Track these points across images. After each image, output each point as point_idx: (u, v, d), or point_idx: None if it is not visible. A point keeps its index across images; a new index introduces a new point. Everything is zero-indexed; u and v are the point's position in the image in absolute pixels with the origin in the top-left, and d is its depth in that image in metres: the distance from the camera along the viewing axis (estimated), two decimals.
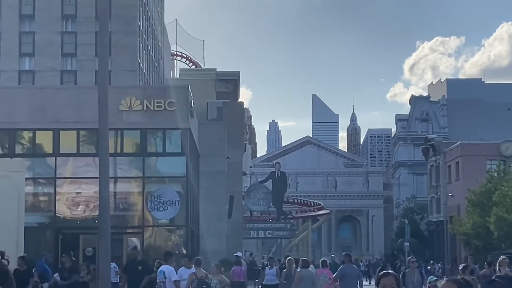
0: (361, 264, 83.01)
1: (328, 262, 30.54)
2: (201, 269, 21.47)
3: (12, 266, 24.40)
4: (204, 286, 20.19)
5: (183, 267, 22.53)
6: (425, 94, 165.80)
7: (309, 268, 26.94)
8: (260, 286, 32.56)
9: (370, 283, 58.16)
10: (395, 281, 8.39)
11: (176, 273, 21.31)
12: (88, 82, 58.39)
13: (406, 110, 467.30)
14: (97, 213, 30.14)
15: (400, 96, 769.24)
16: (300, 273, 25.90)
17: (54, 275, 24.23)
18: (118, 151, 42.19)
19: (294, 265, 29.12)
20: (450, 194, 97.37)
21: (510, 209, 67.26)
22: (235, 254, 36.72)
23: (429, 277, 22.22)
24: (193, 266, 21.84)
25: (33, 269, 26.59)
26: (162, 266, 21.38)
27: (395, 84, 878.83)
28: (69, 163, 43.38)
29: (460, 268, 23.53)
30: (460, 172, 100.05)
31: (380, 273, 9.56)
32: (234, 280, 30.70)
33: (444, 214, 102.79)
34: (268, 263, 33.00)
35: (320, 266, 28.92)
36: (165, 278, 20.26)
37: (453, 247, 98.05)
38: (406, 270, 22.57)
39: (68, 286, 24.50)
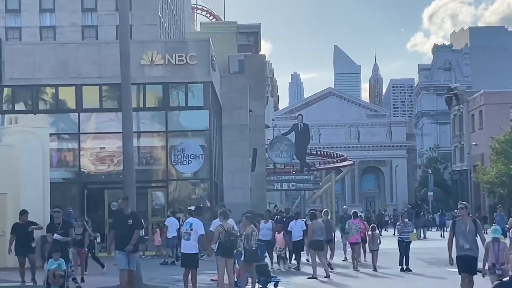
0: (385, 213, 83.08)
1: (358, 214, 33.37)
2: (228, 221, 21.62)
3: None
4: (232, 238, 20.32)
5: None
6: (446, 43, 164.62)
7: (319, 220, 28.60)
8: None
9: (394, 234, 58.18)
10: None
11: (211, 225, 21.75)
12: (109, 37, 58.28)
13: (427, 59, 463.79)
14: (121, 168, 30.33)
15: (421, 46, 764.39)
16: (312, 225, 27.69)
17: (54, 236, 21.53)
18: (141, 105, 42.33)
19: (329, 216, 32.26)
20: (473, 143, 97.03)
21: None
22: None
23: (492, 229, 18.46)
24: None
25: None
26: (190, 218, 21.22)
27: (415, 33, 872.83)
28: (92, 118, 43.57)
29: None
30: (484, 120, 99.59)
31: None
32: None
33: (467, 163, 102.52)
34: (264, 216, 30.49)
35: (352, 218, 32.04)
36: (191, 229, 20.25)
37: (477, 196, 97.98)
38: (457, 219, 18.91)
39: (65, 243, 21.71)
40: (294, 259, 31.02)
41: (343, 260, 32.03)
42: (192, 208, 27.52)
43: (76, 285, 22.40)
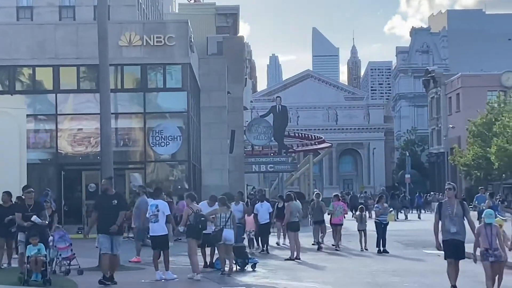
0: (360, 195, 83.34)
1: (339, 196, 34.57)
2: (195, 203, 21.92)
3: None
4: (202, 219, 20.98)
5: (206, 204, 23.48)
6: (423, 25, 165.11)
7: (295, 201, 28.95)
8: None
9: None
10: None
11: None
12: (87, 18, 57.85)
13: (404, 42, 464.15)
14: (99, 149, 30.24)
15: (398, 29, 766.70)
16: (289, 207, 28.25)
17: (33, 218, 19.67)
18: (119, 87, 42.14)
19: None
20: (450, 126, 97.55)
21: (511, 140, 67.48)
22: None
23: (485, 213, 17.20)
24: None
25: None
26: (154, 200, 21.13)
27: (393, 16, 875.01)
28: (69, 99, 43.33)
29: None
30: (461, 103, 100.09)
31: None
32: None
33: (444, 145, 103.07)
34: (234, 198, 29.29)
35: (333, 200, 33.06)
36: (157, 211, 20.29)
37: (454, 179, 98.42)
38: (443, 200, 17.81)
39: (43, 226, 20.18)
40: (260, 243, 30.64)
41: (312, 244, 32.10)
42: (147, 189, 27.66)
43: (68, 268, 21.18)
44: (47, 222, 20.56)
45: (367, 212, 36.99)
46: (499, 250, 16.43)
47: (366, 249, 30.69)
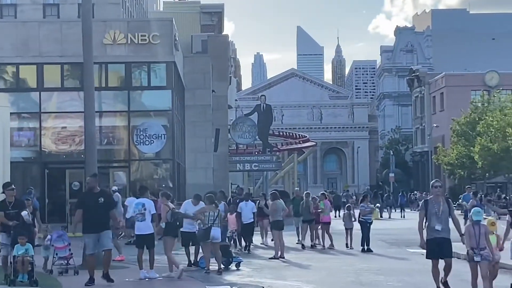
0: (343, 194, 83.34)
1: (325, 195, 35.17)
2: (169, 202, 21.97)
3: None
4: (179, 216, 21.49)
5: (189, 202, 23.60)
6: (408, 25, 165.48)
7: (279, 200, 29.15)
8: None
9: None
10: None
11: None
12: (71, 16, 57.65)
13: (389, 41, 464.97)
14: (82, 147, 30.13)
15: (383, 28, 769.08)
16: (274, 205, 28.48)
17: (22, 213, 18.91)
18: (103, 85, 42.05)
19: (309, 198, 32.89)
20: (434, 125, 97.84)
21: (494, 139, 67.77)
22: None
23: (473, 211, 16.68)
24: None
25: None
26: (140, 198, 21.02)
27: (377, 15, 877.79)
28: (53, 97, 43.22)
29: None
30: (445, 102, 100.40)
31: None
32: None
33: (428, 144, 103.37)
34: (217, 196, 29.13)
35: (322, 198, 33.55)
36: (144, 210, 20.22)
37: (438, 177, 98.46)
38: (429, 197, 17.37)
39: (29, 225, 19.68)
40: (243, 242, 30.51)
41: (296, 243, 32.11)
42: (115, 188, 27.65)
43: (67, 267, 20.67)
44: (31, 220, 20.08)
45: (338, 210, 37.28)
46: (486, 250, 16.07)
47: (352, 248, 30.84)
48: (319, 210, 32.69)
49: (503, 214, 24.90)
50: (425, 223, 16.96)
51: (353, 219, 32.10)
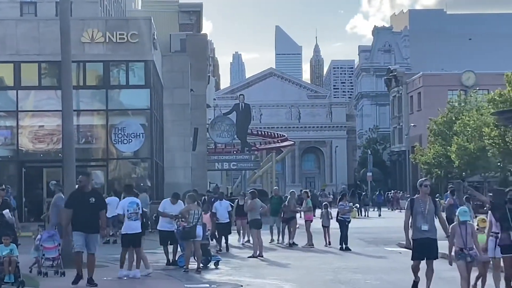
0: (320, 193, 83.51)
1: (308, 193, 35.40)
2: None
3: None
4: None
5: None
6: (385, 25, 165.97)
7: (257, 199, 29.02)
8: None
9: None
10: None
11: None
12: (48, 14, 57.38)
13: (366, 41, 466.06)
14: (60, 146, 30.11)
15: (360, 28, 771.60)
16: (252, 203, 28.42)
17: (4, 212, 18.62)
18: (81, 84, 41.90)
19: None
20: (412, 124, 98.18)
21: (471, 138, 68.12)
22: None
23: (459, 211, 16.17)
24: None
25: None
26: (130, 197, 20.87)
27: (355, 15, 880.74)
28: (30, 96, 43.01)
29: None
30: (422, 102, 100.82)
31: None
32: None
33: (406, 144, 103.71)
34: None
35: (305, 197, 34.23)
36: (138, 209, 20.19)
37: (415, 176, 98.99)
38: (415, 196, 16.99)
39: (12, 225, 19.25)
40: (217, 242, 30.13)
41: (269, 242, 32.11)
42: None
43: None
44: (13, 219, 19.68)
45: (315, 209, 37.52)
46: (474, 250, 15.77)
47: (330, 244, 31.18)
48: (301, 208, 32.98)
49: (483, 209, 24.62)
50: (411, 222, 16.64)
51: (330, 217, 32.30)
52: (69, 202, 18.61)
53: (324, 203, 36.05)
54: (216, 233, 29.80)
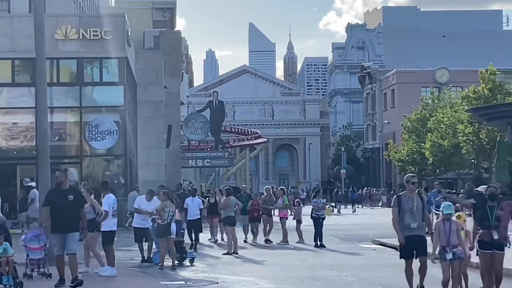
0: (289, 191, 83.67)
1: (284, 190, 35.42)
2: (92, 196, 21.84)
3: None
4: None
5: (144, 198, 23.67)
6: (359, 22, 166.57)
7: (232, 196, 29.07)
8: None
9: None
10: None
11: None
12: (22, 10, 57.02)
13: (339, 38, 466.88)
14: (34, 143, 29.96)
15: (333, 25, 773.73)
16: (228, 200, 28.37)
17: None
18: (54, 81, 41.64)
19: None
20: (385, 121, 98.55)
21: (445, 135, 68.49)
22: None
23: (443, 205, 15.75)
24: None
25: None
26: (110, 195, 20.76)
27: (328, 12, 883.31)
28: (4, 93, 42.68)
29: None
30: (396, 99, 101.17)
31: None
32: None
33: (379, 141, 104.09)
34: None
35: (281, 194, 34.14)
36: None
37: (389, 173, 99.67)
38: (402, 193, 16.40)
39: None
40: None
41: (244, 241, 32.01)
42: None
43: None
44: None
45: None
46: (459, 247, 15.28)
47: (303, 241, 31.32)
48: (279, 205, 33.09)
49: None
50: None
51: (301, 213, 32.72)
52: (47, 200, 17.82)
53: (296, 200, 36.27)
54: (187, 230, 29.67)
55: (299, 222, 32.43)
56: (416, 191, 16.35)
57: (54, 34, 40.73)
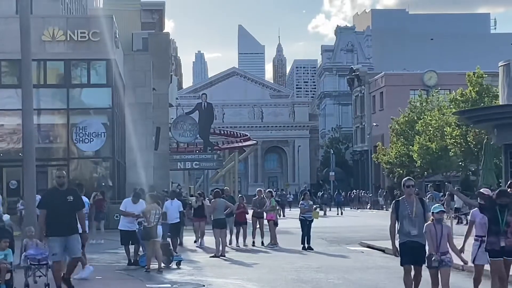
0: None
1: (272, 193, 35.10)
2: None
3: None
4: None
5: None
6: (347, 25, 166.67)
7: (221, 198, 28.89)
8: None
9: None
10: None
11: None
12: (8, 11, 56.86)
13: (328, 40, 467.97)
14: (20, 145, 29.57)
15: (322, 27, 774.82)
16: (215, 203, 28.21)
17: (4, 218, 17.84)
18: (41, 82, 41.54)
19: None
20: (374, 124, 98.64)
21: (433, 138, 68.53)
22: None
23: (433, 207, 14.58)
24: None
25: None
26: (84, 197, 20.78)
27: (317, 15, 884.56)
28: None
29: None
30: (384, 102, 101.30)
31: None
32: None
33: (368, 143, 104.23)
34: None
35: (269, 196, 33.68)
36: None
37: (377, 176, 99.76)
38: (400, 198, 15.30)
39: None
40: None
41: (229, 244, 31.86)
42: None
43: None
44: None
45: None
46: (448, 254, 14.42)
47: (275, 245, 31.11)
48: (268, 207, 33.05)
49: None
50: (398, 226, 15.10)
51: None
52: (44, 202, 16.84)
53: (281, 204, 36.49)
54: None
55: (275, 224, 32.25)
56: (416, 195, 15.35)
57: (41, 36, 40.66)
